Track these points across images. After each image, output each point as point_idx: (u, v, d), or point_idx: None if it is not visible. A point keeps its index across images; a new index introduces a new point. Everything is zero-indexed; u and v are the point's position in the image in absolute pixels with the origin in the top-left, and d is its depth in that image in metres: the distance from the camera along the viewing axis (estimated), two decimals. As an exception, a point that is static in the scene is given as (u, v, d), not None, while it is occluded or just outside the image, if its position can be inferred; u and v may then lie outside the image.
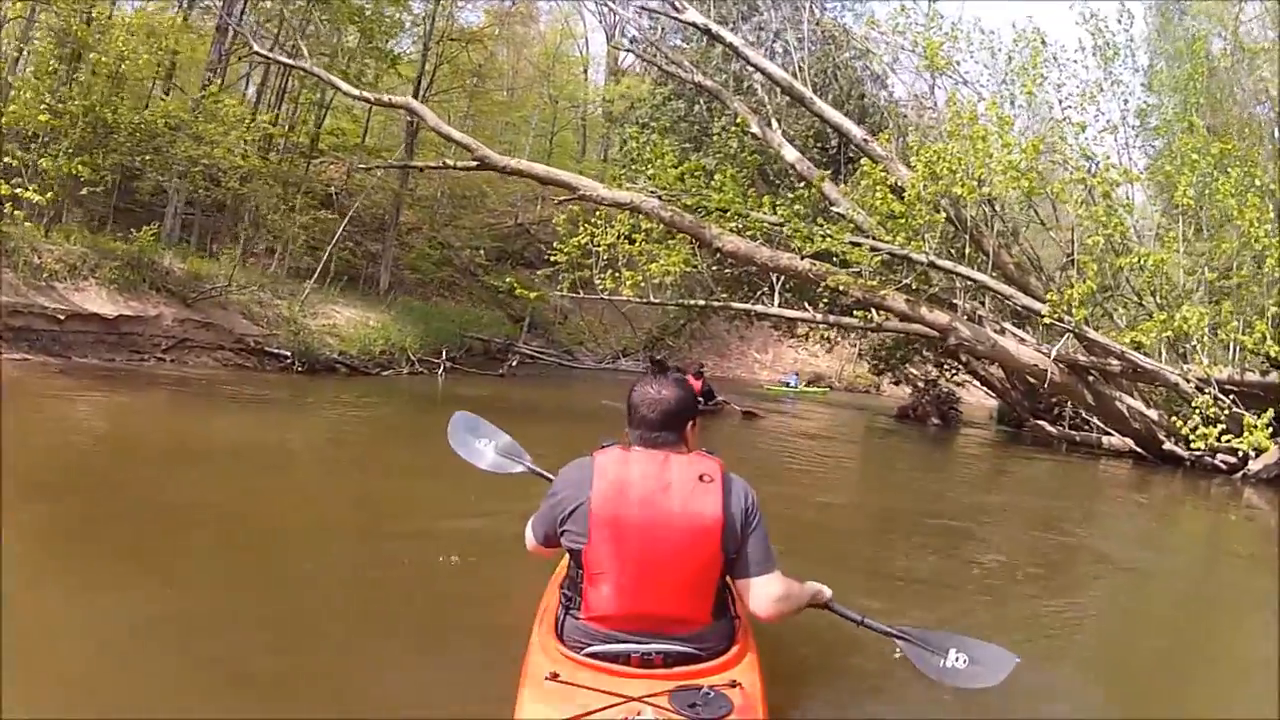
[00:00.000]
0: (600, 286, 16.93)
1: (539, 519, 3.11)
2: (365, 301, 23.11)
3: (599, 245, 17.00)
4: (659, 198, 14.63)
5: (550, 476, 3.51)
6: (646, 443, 2.99)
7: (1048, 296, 14.25)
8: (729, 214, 14.41)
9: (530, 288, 20.14)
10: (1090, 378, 15.63)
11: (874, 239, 14.17)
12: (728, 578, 3.02)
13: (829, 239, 13.63)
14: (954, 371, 22.86)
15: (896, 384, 23.83)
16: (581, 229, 17.21)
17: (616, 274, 16.70)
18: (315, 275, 19.75)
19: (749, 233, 14.88)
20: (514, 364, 26.11)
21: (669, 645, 2.85)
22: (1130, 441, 16.27)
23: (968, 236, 14.81)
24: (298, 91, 28.64)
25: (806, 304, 15.80)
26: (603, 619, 2.88)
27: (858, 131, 16.72)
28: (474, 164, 16.24)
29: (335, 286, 22.42)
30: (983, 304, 15.44)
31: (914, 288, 14.44)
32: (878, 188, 13.95)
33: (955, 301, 15.00)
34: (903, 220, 13.89)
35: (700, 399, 11.90)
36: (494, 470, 4.35)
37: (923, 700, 3.84)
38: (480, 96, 35.58)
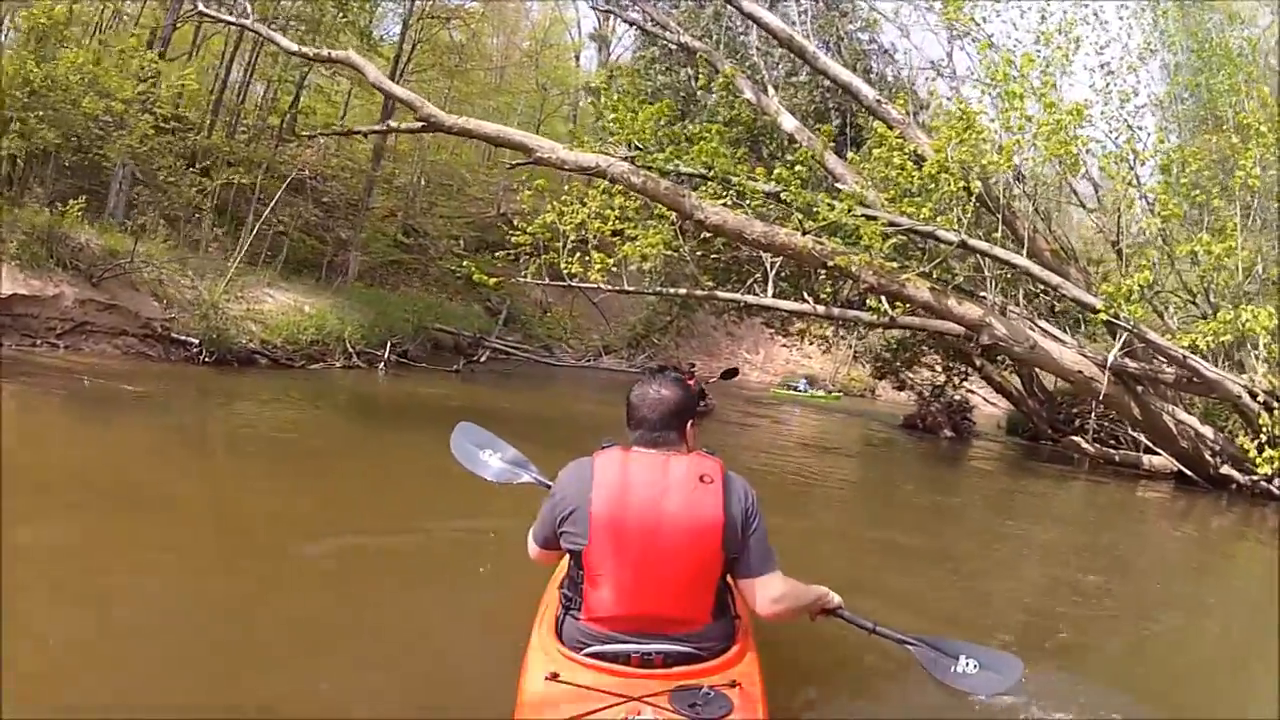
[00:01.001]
0: (566, 271, 14.06)
1: (539, 523, 3.05)
2: (311, 287, 20.22)
3: (566, 225, 14.24)
4: (630, 161, 11.66)
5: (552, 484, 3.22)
6: (647, 443, 2.92)
7: (1101, 288, 11.37)
8: (713, 176, 11.43)
9: (492, 274, 17.26)
10: (1139, 388, 12.84)
11: (890, 214, 11.22)
12: (729, 578, 2.94)
13: (837, 210, 10.65)
14: (962, 377, 19.98)
15: (900, 389, 20.77)
16: (550, 207, 14.47)
17: (585, 257, 13.87)
18: (240, 252, 16.74)
19: (741, 211, 11.94)
20: (481, 359, 23.41)
21: (669, 645, 2.78)
22: (1174, 461, 13.64)
23: (1000, 217, 11.87)
24: (276, 73, 26.09)
25: (805, 295, 12.88)
26: (603, 620, 2.81)
27: (869, 92, 13.81)
28: (419, 124, 13.37)
29: (277, 269, 19.90)
30: (1015, 299, 12.56)
31: (934, 277, 11.61)
32: (894, 153, 11.04)
33: (983, 294, 12.07)
34: (925, 193, 11.04)
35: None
36: (499, 481, 4.26)
37: (923, 700, 3.65)
38: (461, 76, 32.74)
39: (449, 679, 3.75)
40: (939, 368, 20.03)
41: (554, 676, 2.62)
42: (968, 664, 3.15)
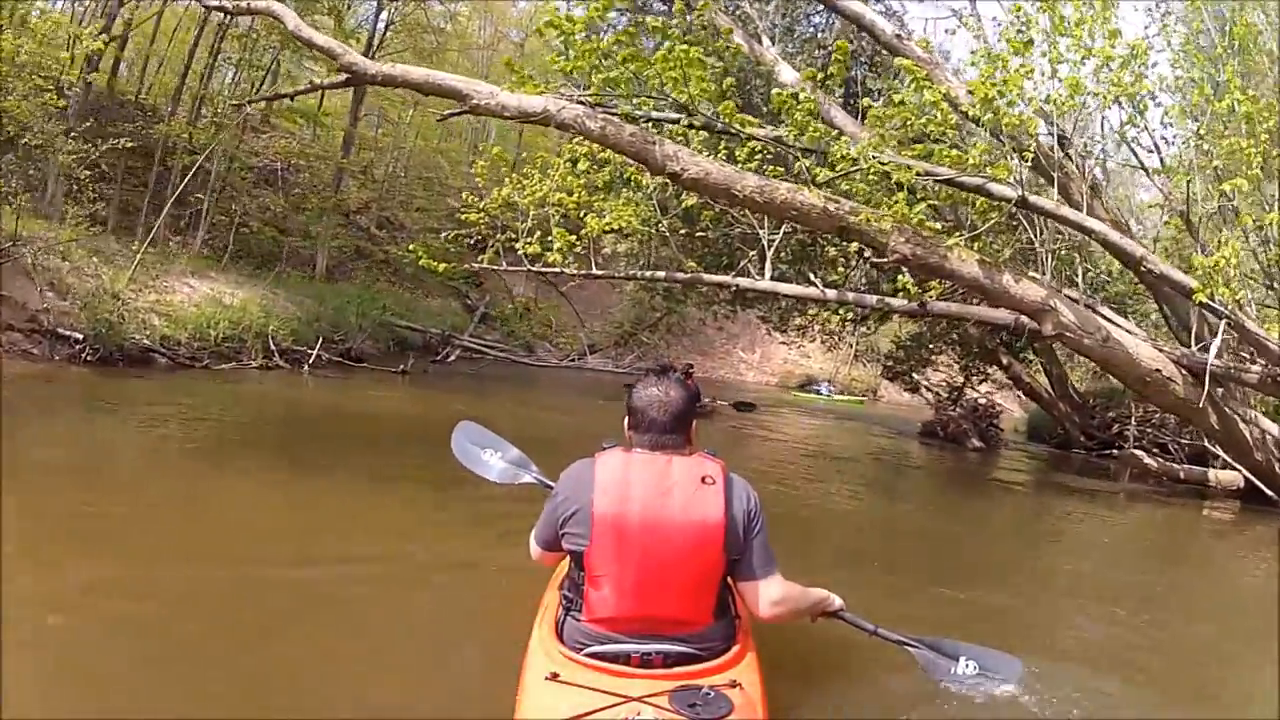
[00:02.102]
0: (523, 252, 11.39)
1: (541, 524, 2.95)
2: (245, 277, 17.52)
3: (525, 201, 11.61)
4: (586, 104, 8.85)
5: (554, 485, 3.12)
6: (655, 446, 2.80)
7: (1196, 263, 8.60)
8: (691, 113, 8.55)
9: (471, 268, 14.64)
10: (1219, 390, 10.14)
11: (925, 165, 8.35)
12: (729, 578, 2.86)
13: (860, 145, 7.68)
14: (981, 377, 17.25)
15: (912, 391, 17.87)
16: (509, 182, 11.87)
17: (547, 238, 11.23)
18: (151, 236, 14.18)
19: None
20: (449, 359, 20.80)
21: (669, 646, 2.69)
22: (1248, 476, 11.09)
23: (1054, 177, 9.04)
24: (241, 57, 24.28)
25: (810, 277, 10.09)
26: (604, 620, 2.72)
27: (887, 26, 11.03)
28: (342, 78, 10.71)
29: (222, 260, 17.30)
30: (1073, 281, 9.78)
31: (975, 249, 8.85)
32: (925, 88, 8.22)
33: (1034, 276, 9.27)
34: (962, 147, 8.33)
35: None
36: (502, 481, 4.17)
37: (923, 700, 3.46)
38: (439, 56, 30.05)
39: (449, 679, 3.58)
40: (955, 367, 17.34)
41: (554, 676, 2.52)
42: (967, 665, 3.23)
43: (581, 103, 8.87)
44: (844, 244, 10.38)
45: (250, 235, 23.61)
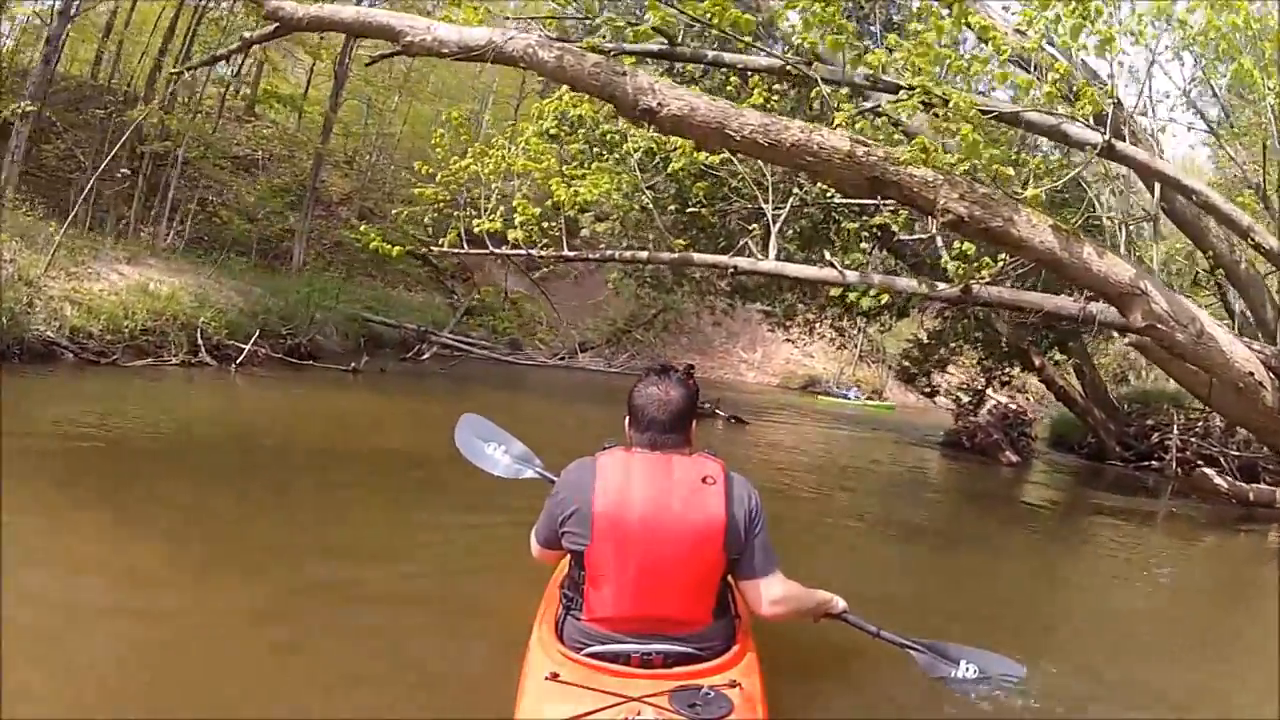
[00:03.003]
0: (480, 229, 9.49)
1: (541, 522, 2.90)
2: (189, 264, 15.58)
3: (487, 172, 9.73)
4: (540, 34, 6.90)
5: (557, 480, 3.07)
6: (655, 445, 2.76)
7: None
8: (677, 47, 6.58)
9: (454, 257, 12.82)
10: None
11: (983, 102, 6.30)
12: (730, 577, 2.82)
13: (913, 47, 5.76)
14: (1006, 379, 15.28)
15: (930, 395, 15.80)
16: (470, 152, 9.99)
17: (508, 212, 9.34)
18: (71, 217, 12.19)
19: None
20: (424, 356, 18.86)
21: (669, 645, 2.64)
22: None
23: (1125, 129, 7.08)
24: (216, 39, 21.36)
25: (826, 256, 8.11)
26: (604, 620, 2.67)
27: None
28: (270, 26, 8.87)
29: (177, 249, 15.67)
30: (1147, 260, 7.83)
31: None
32: (966, 18, 6.23)
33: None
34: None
35: None
36: (506, 476, 4.06)
37: (923, 702, 3.46)
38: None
39: (449, 679, 3.45)
40: (972, 368, 15.40)
41: (554, 676, 2.48)
42: (969, 668, 3.17)
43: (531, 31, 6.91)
44: (866, 218, 8.45)
45: (222, 226, 22.00)
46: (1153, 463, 14.48)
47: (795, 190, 9.06)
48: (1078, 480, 13.42)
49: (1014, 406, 13.85)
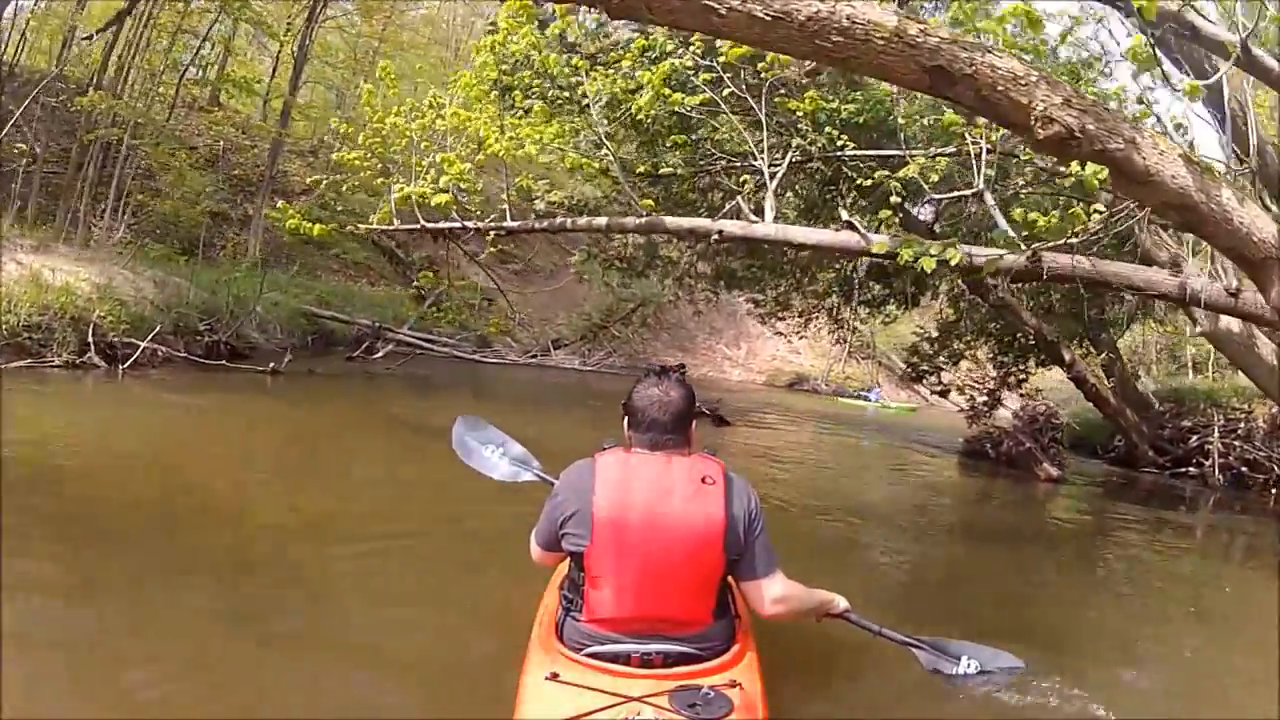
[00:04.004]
0: (400, 193, 7.46)
1: (541, 524, 2.82)
2: (108, 256, 13.38)
3: (415, 129, 7.75)
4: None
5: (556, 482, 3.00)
6: (655, 445, 2.71)
7: None
8: None
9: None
10: None
11: None
12: (731, 578, 2.76)
13: None
14: (1022, 377, 13.21)
15: (942, 394, 13.63)
16: (397, 107, 8.09)
17: (435, 174, 7.31)
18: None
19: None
20: (377, 354, 16.73)
21: (669, 645, 2.59)
22: None
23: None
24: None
25: (844, 212, 6.06)
26: (604, 621, 2.61)
27: None
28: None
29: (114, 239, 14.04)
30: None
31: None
32: None
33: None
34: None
35: None
36: (505, 479, 4.01)
37: (924, 700, 3.38)
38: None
39: (449, 679, 3.37)
40: (988, 364, 13.34)
41: (554, 676, 2.43)
42: (970, 664, 3.16)
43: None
44: (888, 172, 6.37)
45: (174, 218, 19.92)
46: (1190, 469, 12.60)
47: (797, 140, 7.02)
48: (1109, 492, 11.31)
49: (1041, 407, 11.73)
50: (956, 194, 6.30)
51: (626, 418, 2.81)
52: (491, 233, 7.89)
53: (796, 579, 2.83)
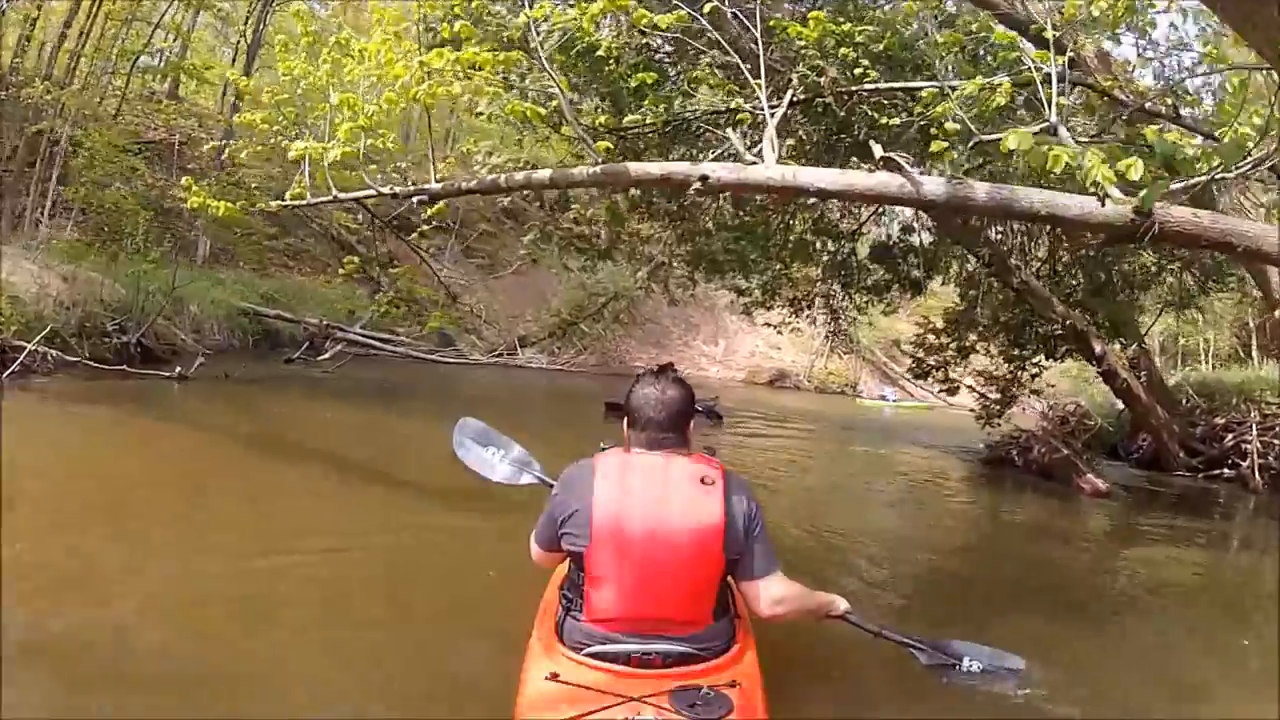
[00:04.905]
0: (296, 152, 5.79)
1: (541, 525, 2.75)
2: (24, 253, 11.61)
3: (318, 76, 6.14)
4: None
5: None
6: (653, 444, 2.64)
7: None
8: None
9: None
10: None
11: None
12: (730, 578, 2.68)
13: None
14: (1035, 372, 11.56)
15: (951, 392, 11.87)
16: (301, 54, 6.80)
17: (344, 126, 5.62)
18: None
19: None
20: (324, 354, 14.97)
21: (669, 645, 2.50)
22: None
23: None
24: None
25: (876, 146, 4.46)
26: (604, 621, 2.53)
27: None
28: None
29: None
30: None
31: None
32: None
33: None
34: None
35: None
36: (506, 482, 3.93)
37: (923, 701, 3.31)
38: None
39: (449, 679, 3.33)
40: (1000, 358, 11.67)
41: (554, 676, 2.38)
42: (971, 664, 3.07)
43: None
44: (923, 108, 4.71)
45: (120, 215, 18.21)
46: (1225, 470, 11.06)
47: (803, 71, 5.34)
48: (1143, 500, 9.67)
49: (1070, 406, 10.05)
50: (1019, 132, 4.63)
51: (625, 417, 2.73)
52: (425, 209, 6.22)
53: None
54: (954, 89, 4.69)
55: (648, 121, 5.93)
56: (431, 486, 6.31)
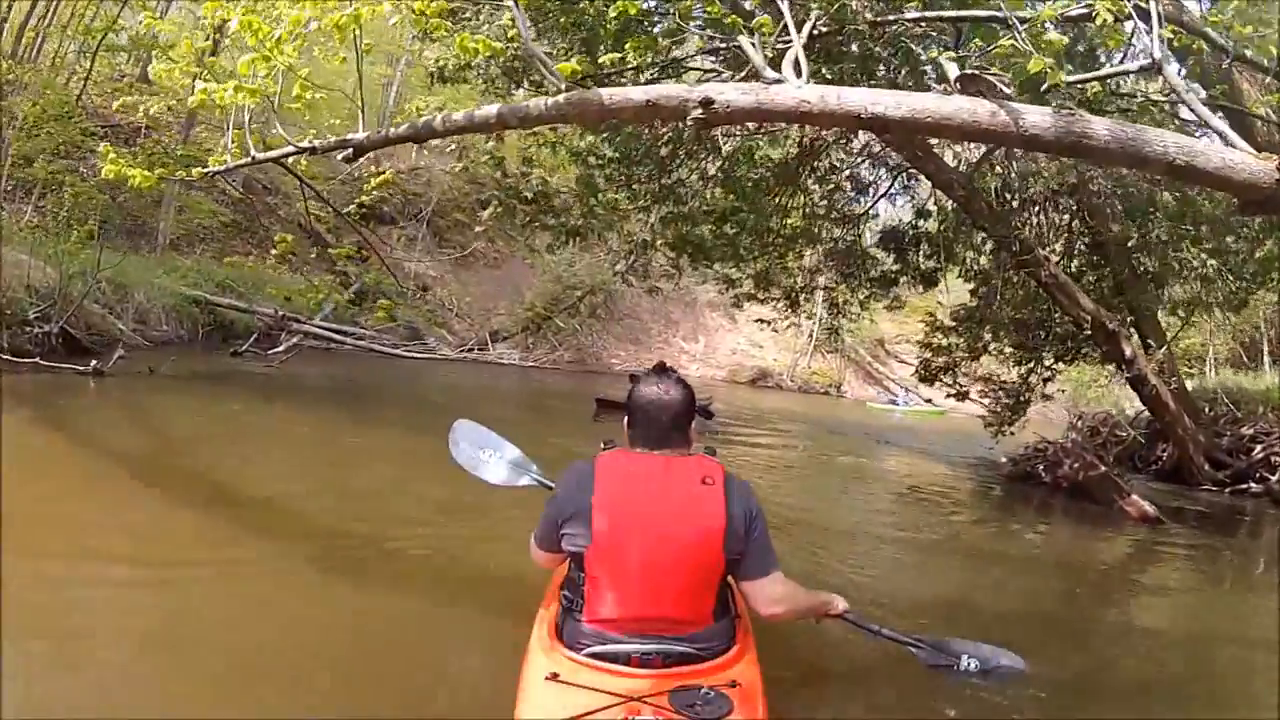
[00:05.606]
0: (197, 98, 4.58)
1: (541, 526, 2.67)
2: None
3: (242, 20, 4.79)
4: None
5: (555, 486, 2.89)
6: (655, 444, 2.57)
7: None
8: None
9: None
10: None
11: None
12: (730, 578, 2.62)
13: None
14: (1049, 376, 10.43)
15: (960, 398, 10.62)
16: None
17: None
18: None
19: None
20: (279, 347, 13.65)
21: (669, 646, 2.45)
22: None
23: None
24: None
25: (950, 65, 3.35)
26: (604, 621, 2.47)
27: None
28: None
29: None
30: None
31: None
32: None
33: None
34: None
35: None
36: (503, 484, 3.73)
37: (922, 700, 3.22)
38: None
39: (449, 679, 3.30)
40: (1012, 360, 10.54)
41: (554, 677, 2.33)
42: (970, 663, 3.01)
43: None
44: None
45: (87, 201, 16.94)
46: (1252, 485, 10.01)
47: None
48: (1207, 527, 8.43)
49: (1102, 415, 8.91)
50: (1111, 72, 3.48)
51: (626, 417, 2.65)
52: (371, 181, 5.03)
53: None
54: (1022, 20, 3.53)
55: (628, 64, 4.72)
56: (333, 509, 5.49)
